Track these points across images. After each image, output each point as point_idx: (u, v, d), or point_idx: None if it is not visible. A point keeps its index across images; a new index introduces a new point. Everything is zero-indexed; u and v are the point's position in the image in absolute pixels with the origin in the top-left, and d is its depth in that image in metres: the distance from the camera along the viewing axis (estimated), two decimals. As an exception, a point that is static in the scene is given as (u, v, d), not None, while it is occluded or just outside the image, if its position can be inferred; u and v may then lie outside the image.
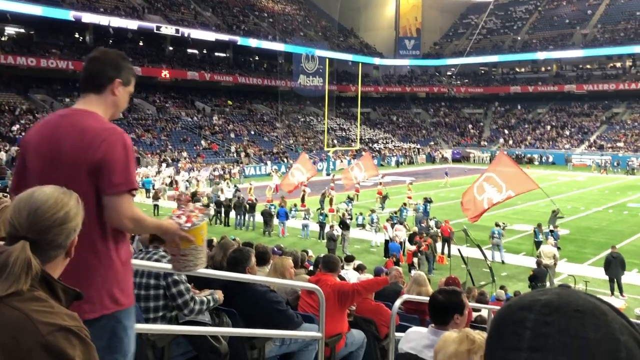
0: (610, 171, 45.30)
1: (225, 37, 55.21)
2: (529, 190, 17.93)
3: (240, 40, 56.25)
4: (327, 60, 42.24)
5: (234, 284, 3.82)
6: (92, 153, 2.05)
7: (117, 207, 2.06)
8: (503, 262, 17.34)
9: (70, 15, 42.58)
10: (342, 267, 8.80)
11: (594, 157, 50.32)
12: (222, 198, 25.10)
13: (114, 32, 49.63)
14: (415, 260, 16.03)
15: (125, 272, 2.20)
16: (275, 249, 8.91)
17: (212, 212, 24.08)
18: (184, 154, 41.50)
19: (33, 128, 2.25)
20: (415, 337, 3.01)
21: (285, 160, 45.58)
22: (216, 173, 35.03)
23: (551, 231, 17.82)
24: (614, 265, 14.15)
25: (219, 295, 3.69)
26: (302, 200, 26.58)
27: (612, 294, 13.90)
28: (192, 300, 3.50)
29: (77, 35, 51.37)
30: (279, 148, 49.04)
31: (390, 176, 40.80)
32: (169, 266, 2.73)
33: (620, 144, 52.31)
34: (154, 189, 28.54)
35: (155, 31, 49.44)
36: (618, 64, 63.17)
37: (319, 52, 59.31)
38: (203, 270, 3.77)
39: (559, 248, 16.89)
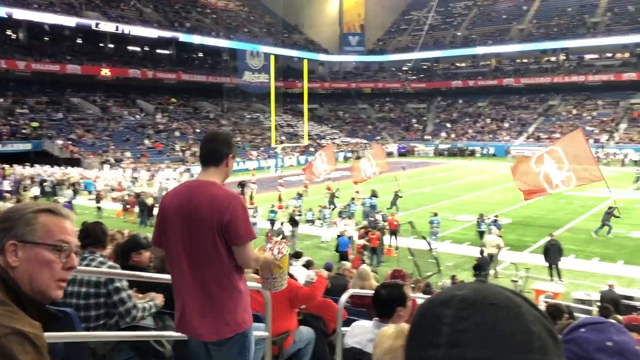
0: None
1: (167, 33, 54.13)
2: (592, 181, 17.03)
3: (182, 37, 55.31)
4: (272, 56, 41.98)
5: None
6: (221, 215, 2.70)
7: (244, 253, 2.78)
8: (436, 248, 17.63)
9: (1, 11, 40.70)
10: (291, 264, 8.81)
11: (532, 148, 52.26)
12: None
13: (50, 29, 47.82)
14: (352, 256, 16.20)
15: (247, 298, 2.91)
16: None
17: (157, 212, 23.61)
18: (127, 154, 40.47)
19: (170, 194, 2.96)
20: (360, 332, 3.06)
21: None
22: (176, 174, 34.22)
23: (494, 221, 18.39)
24: (553, 252, 14.76)
25: (160, 299, 3.64)
26: (251, 198, 26.47)
27: (552, 279, 14.50)
28: (135, 307, 3.44)
29: (9, 33, 49.14)
30: (226, 146, 48.49)
31: (338, 171, 41.10)
32: (107, 271, 2.93)
33: (557, 135, 54.47)
34: (96, 190, 27.69)
35: (94, 28, 47.94)
36: (552, 58, 65.78)
37: (264, 49, 59.01)
38: (147, 274, 3.71)
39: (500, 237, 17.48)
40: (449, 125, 63.69)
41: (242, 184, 28.03)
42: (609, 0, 64.51)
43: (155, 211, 23.49)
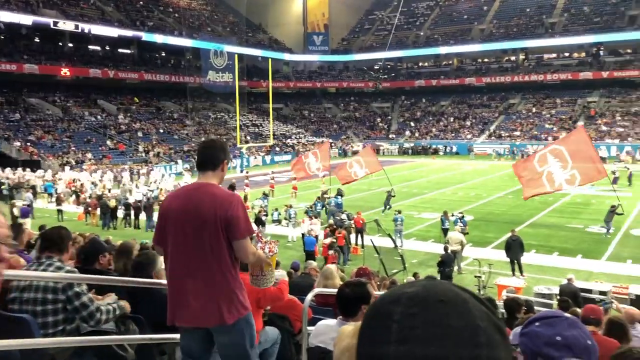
0: (508, 158, 48.21)
1: (129, 33, 53.17)
2: (597, 179, 16.98)
3: (145, 36, 54.41)
4: (236, 55, 41.75)
5: (140, 289, 3.72)
6: (223, 212, 2.94)
7: (244, 248, 3.02)
8: (401, 246, 17.85)
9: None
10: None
11: (493, 146, 53.45)
12: (131, 200, 24.22)
13: (6, 27, 46.38)
14: (331, 252, 16.27)
15: (244, 287, 3.14)
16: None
17: (120, 214, 23.23)
18: (89, 155, 39.61)
19: (170, 197, 3.25)
20: (324, 331, 3.08)
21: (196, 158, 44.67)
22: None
23: (460, 218, 18.69)
24: (514, 248, 15.10)
25: (124, 303, 3.58)
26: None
27: (514, 274, 14.83)
28: (98, 310, 3.37)
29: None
30: (190, 146, 47.98)
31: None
32: (68, 275, 2.88)
33: (517, 133, 55.79)
34: (56, 193, 27.01)
35: (52, 27, 46.69)
36: (512, 58, 67.23)
37: (228, 48, 58.54)
38: (109, 277, 3.65)
39: (466, 234, 17.80)
40: (412, 124, 64.43)
41: (232, 186, 27.45)
42: (566, 2, 66.33)
43: (120, 213, 23.14)
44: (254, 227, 16.48)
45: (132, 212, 23.10)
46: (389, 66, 74.81)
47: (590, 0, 64.21)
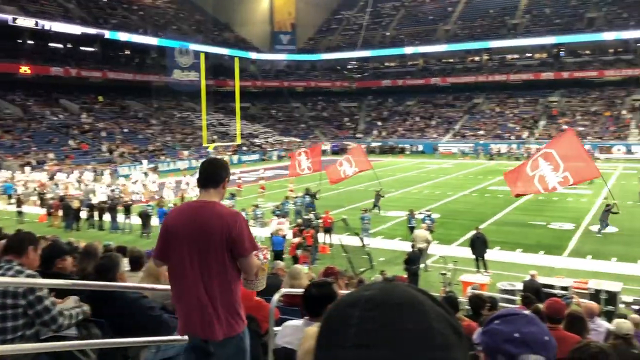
0: (473, 157, 49.06)
1: (92, 30, 52.08)
2: (590, 178, 17.07)
3: (108, 34, 53.35)
4: (202, 54, 41.26)
5: (103, 292, 3.66)
6: (229, 231, 3.06)
7: (249, 264, 3.16)
8: (369, 244, 17.95)
9: None
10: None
11: (458, 145, 54.29)
12: (95, 201, 23.74)
13: (-39, 23, 44.87)
14: (299, 252, 16.26)
15: (241, 302, 3.25)
16: (152, 251, 8.61)
17: (84, 215, 22.76)
18: (50, 155, 38.65)
19: (173, 213, 3.37)
20: (290, 331, 3.08)
21: (162, 158, 44.05)
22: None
23: (428, 216, 18.92)
24: (478, 245, 15.37)
25: (87, 307, 3.51)
26: (182, 199, 25.93)
27: (478, 271, 15.08)
28: (61, 315, 3.30)
29: None
30: (155, 146, 47.32)
31: (272, 170, 41.00)
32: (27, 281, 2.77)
33: (481, 132, 56.78)
34: (16, 194, 26.28)
35: (10, 23, 45.31)
36: (477, 58, 68.37)
37: (194, 46, 57.94)
38: (70, 281, 3.56)
39: (432, 231, 18.05)
40: (379, 123, 64.92)
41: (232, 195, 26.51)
42: (528, 3, 67.78)
43: (83, 214, 22.65)
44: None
45: (96, 213, 22.65)
46: (356, 66, 75.20)
47: (551, 3, 65.78)
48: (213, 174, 3.27)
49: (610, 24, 58.42)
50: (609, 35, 57.17)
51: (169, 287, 4.50)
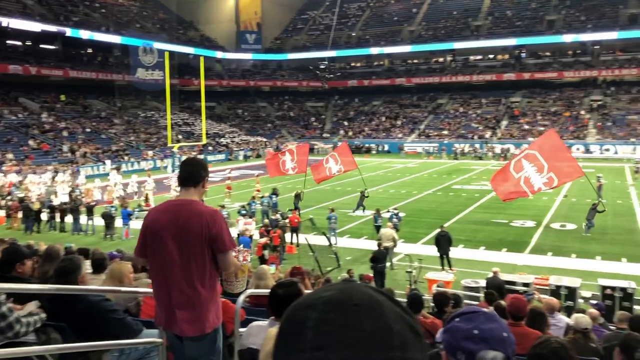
0: (437, 157, 49.75)
1: (52, 28, 50.75)
2: (574, 178, 17.08)
3: (70, 32, 52.08)
4: (166, 53, 40.63)
5: (64, 296, 3.58)
6: (209, 228, 3.17)
7: (227, 260, 3.27)
8: (335, 244, 18.04)
9: None
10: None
11: (423, 144, 54.98)
12: (56, 202, 23.17)
13: None
14: (265, 252, 16.20)
15: (219, 298, 3.40)
16: (116, 253, 8.47)
17: (45, 217, 22.19)
18: (9, 155, 37.52)
19: (154, 212, 3.41)
20: (256, 332, 3.07)
21: (125, 158, 43.27)
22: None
23: (396, 214, 19.09)
24: (443, 243, 15.61)
25: (44, 315, 3.42)
26: (146, 199, 25.57)
27: (443, 268, 15.31)
28: (18, 322, 3.20)
29: None
30: (119, 146, 46.46)
31: (238, 170, 40.76)
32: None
33: (445, 132, 57.62)
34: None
35: (-35, 19, 43.85)
36: (441, 59, 69.32)
37: (158, 45, 57.06)
38: (29, 286, 3.47)
39: (398, 230, 18.26)
40: (346, 123, 65.22)
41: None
42: (490, 5, 69.07)
43: (44, 216, 22.06)
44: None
45: (58, 215, 22.10)
46: (322, 66, 75.32)
47: (512, 5, 67.17)
48: (193, 173, 3.36)
49: (568, 27, 60.04)
50: (567, 38, 58.74)
51: (132, 289, 4.43)
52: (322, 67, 73.41)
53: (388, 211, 20.34)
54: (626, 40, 57.90)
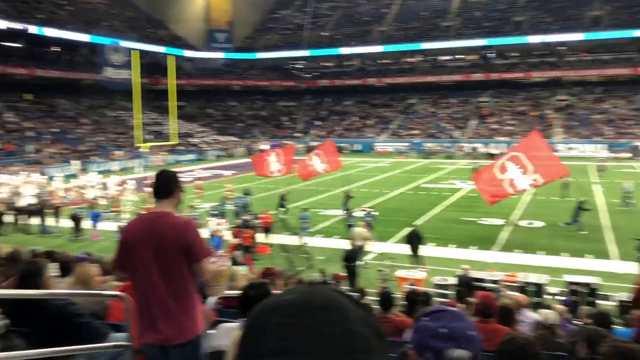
0: (409, 156, 50.18)
1: (17, 25, 49.48)
2: (559, 177, 17.19)
3: (35, 30, 50.87)
4: (136, 52, 40.07)
5: (28, 300, 3.49)
6: (183, 239, 3.29)
7: (203, 268, 3.35)
8: (308, 243, 18.05)
9: None
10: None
11: (394, 144, 55.41)
12: (21, 203, 22.61)
13: None
14: (237, 253, 16.09)
15: (199, 305, 3.47)
16: (83, 255, 8.31)
17: (10, 219, 21.62)
18: (-29, 156, 36.52)
19: (130, 224, 3.59)
20: (225, 333, 3.04)
21: (93, 158, 42.50)
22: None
23: (368, 213, 19.17)
24: (414, 241, 15.74)
25: (7, 321, 3.33)
26: (115, 200, 25.13)
27: (414, 266, 15.43)
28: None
29: None
30: (87, 146, 45.60)
31: (210, 170, 40.44)
32: None
33: (416, 132, 58.18)
34: None
35: None
36: (411, 59, 69.96)
37: (127, 44, 56.17)
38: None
39: (371, 228, 18.37)
40: (318, 123, 65.28)
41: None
42: (459, 6, 70.00)
43: (6, 218, 21.48)
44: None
45: (24, 217, 21.55)
46: (294, 65, 75.21)
47: (481, 6, 68.21)
48: (166, 186, 3.50)
49: (535, 28, 61.26)
50: (534, 39, 59.94)
51: (99, 291, 4.35)
52: (299, 66, 73.31)
53: (363, 209, 20.41)
54: (590, 42, 59.42)
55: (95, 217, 19.85)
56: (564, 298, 11.49)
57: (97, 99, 57.15)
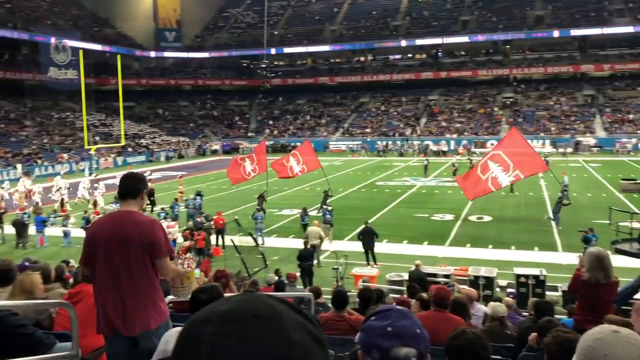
0: (361, 154, 50.61)
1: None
2: (538, 171, 17.38)
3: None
4: (80, 51, 38.87)
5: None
6: (147, 237, 3.45)
7: (165, 266, 3.57)
8: (263, 244, 18.00)
9: None
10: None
11: (347, 142, 55.79)
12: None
13: None
14: (189, 255, 15.82)
15: (163, 296, 3.68)
16: (27, 263, 7.98)
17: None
18: None
19: (97, 223, 3.72)
20: (172, 338, 2.99)
21: (38, 162, 41.02)
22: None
23: (330, 211, 19.21)
24: (368, 238, 15.89)
25: None
26: (62, 205, 24.37)
27: (368, 264, 15.59)
28: None
29: None
30: (31, 149, 43.95)
31: (160, 171, 39.67)
32: None
33: (368, 130, 58.75)
34: None
35: None
36: (362, 58, 70.57)
37: (71, 43, 54.39)
38: None
39: (331, 225, 18.49)
40: (271, 122, 65.01)
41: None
42: (408, 6, 71.08)
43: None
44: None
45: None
46: (245, 64, 74.61)
47: (429, 6, 69.47)
48: (131, 187, 3.65)
49: (481, 27, 62.89)
50: (480, 38, 61.53)
51: (42, 301, 4.20)
52: (251, 65, 72.62)
53: (321, 207, 20.41)
54: (533, 40, 61.50)
55: (41, 223, 19.14)
56: (512, 290, 11.85)
57: (41, 100, 55.18)
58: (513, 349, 4.93)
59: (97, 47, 60.76)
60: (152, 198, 24.18)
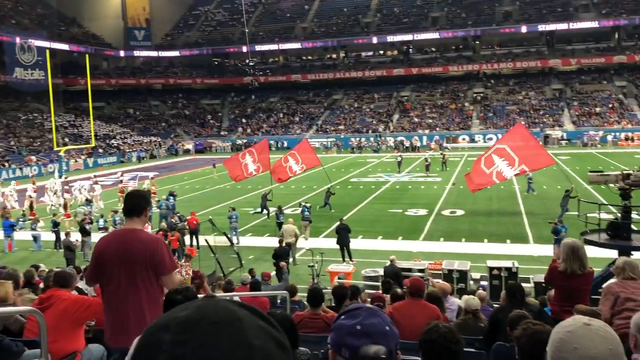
0: (335, 151, 50.72)
1: None
2: (545, 165, 17.31)
3: None
4: (47, 51, 38.06)
5: None
6: (152, 255, 3.61)
7: (171, 281, 3.73)
8: (238, 243, 17.93)
9: None
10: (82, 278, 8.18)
11: (321, 139, 55.83)
12: None
13: None
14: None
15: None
16: (-4, 269, 7.82)
17: None
18: None
19: (103, 240, 3.82)
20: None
21: (5, 165, 40.07)
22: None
23: (308, 208, 19.17)
24: (343, 235, 15.95)
25: None
26: (31, 208, 23.86)
27: (344, 260, 15.64)
28: None
29: None
30: (-3, 152, 42.94)
31: (132, 172, 39.12)
32: None
33: (342, 127, 58.89)
34: None
35: None
36: (334, 55, 70.64)
37: (37, 42, 53.17)
38: None
39: (310, 222, 18.55)
40: (244, 120, 64.64)
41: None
42: (378, 3, 71.35)
43: None
44: (79, 236, 15.32)
45: None
46: (216, 62, 73.98)
47: (399, 2, 69.87)
48: (136, 205, 3.79)
49: (451, 24, 63.54)
50: (451, 34, 62.17)
51: (10, 308, 4.11)
52: (251, 63, 71.69)
53: (300, 205, 20.42)
54: (502, 36, 62.40)
55: (9, 227, 18.71)
56: (484, 283, 12.03)
57: (7, 102, 53.89)
58: (485, 340, 5.01)
59: (65, 46, 59.56)
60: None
